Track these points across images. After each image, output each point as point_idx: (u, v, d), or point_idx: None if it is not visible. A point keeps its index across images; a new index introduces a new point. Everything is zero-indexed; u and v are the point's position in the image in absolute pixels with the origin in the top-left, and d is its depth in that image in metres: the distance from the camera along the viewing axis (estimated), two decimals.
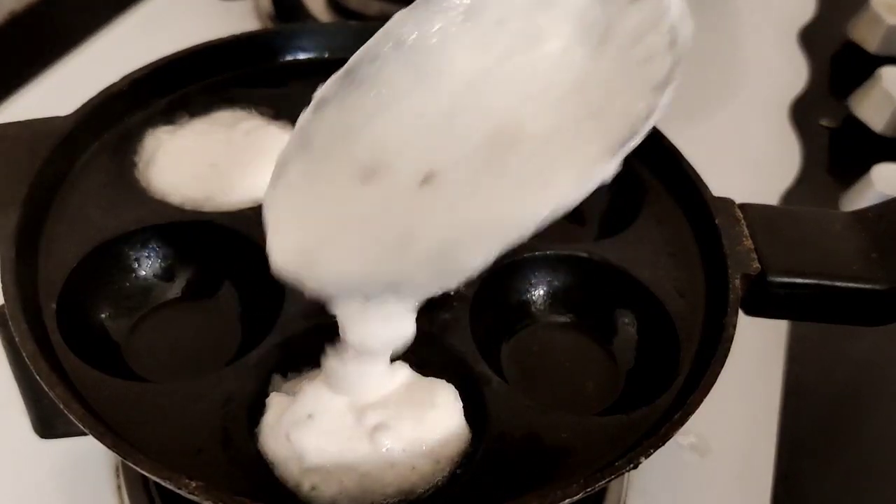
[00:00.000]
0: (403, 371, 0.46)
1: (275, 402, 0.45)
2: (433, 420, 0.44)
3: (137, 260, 0.52)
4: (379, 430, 0.43)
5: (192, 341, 0.51)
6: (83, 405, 0.41)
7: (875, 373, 0.72)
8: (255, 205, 0.53)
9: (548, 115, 0.40)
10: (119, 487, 0.58)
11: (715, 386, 0.45)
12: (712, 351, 0.47)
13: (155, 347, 0.50)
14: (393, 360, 0.45)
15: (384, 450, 0.43)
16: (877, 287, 0.50)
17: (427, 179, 0.40)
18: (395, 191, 0.41)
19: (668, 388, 0.47)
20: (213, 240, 0.52)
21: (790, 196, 0.84)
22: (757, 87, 0.99)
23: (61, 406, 0.41)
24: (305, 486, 0.42)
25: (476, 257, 0.39)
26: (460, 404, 0.45)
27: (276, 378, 0.47)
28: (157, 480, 0.39)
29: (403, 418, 0.44)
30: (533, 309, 0.53)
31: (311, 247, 0.41)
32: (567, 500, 0.40)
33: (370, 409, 0.44)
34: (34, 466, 0.59)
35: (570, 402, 0.49)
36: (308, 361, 0.47)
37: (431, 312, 0.48)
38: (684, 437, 0.64)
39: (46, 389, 0.41)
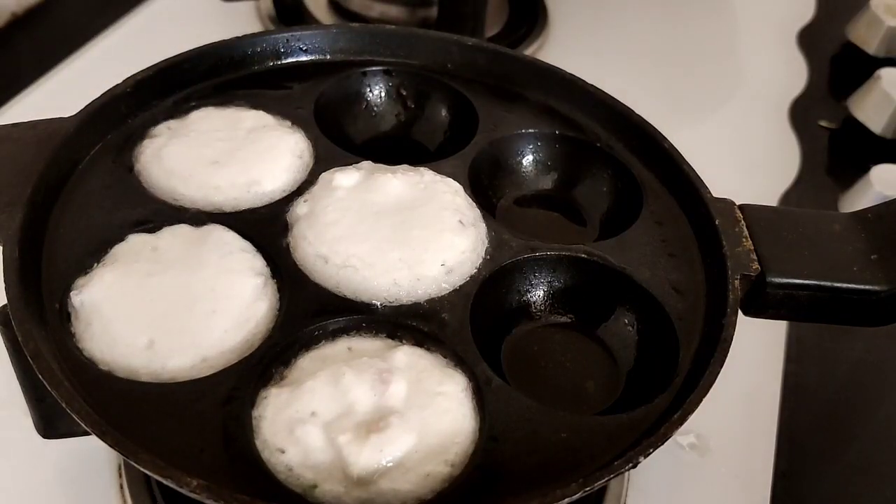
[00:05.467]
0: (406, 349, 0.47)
1: (271, 396, 0.45)
2: (439, 409, 0.44)
3: None
4: (384, 429, 0.43)
5: None
6: (86, 404, 0.41)
7: (874, 373, 0.72)
8: (257, 206, 0.54)
9: None
10: (121, 486, 0.58)
11: (714, 386, 0.45)
12: (712, 351, 0.47)
13: None
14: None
15: (388, 450, 0.43)
16: (876, 288, 0.51)
17: None
18: None
19: (667, 388, 0.47)
20: None
21: (789, 197, 0.85)
22: (756, 88, 0.99)
23: (64, 405, 0.41)
24: (308, 483, 0.42)
25: None
26: (467, 394, 0.46)
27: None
28: (160, 479, 0.39)
29: (410, 410, 0.44)
30: (533, 309, 0.54)
31: None
32: (566, 500, 0.40)
33: (376, 406, 0.44)
34: (37, 466, 0.59)
35: (570, 402, 0.49)
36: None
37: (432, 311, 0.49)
38: (684, 436, 0.64)
39: (49, 389, 0.41)
